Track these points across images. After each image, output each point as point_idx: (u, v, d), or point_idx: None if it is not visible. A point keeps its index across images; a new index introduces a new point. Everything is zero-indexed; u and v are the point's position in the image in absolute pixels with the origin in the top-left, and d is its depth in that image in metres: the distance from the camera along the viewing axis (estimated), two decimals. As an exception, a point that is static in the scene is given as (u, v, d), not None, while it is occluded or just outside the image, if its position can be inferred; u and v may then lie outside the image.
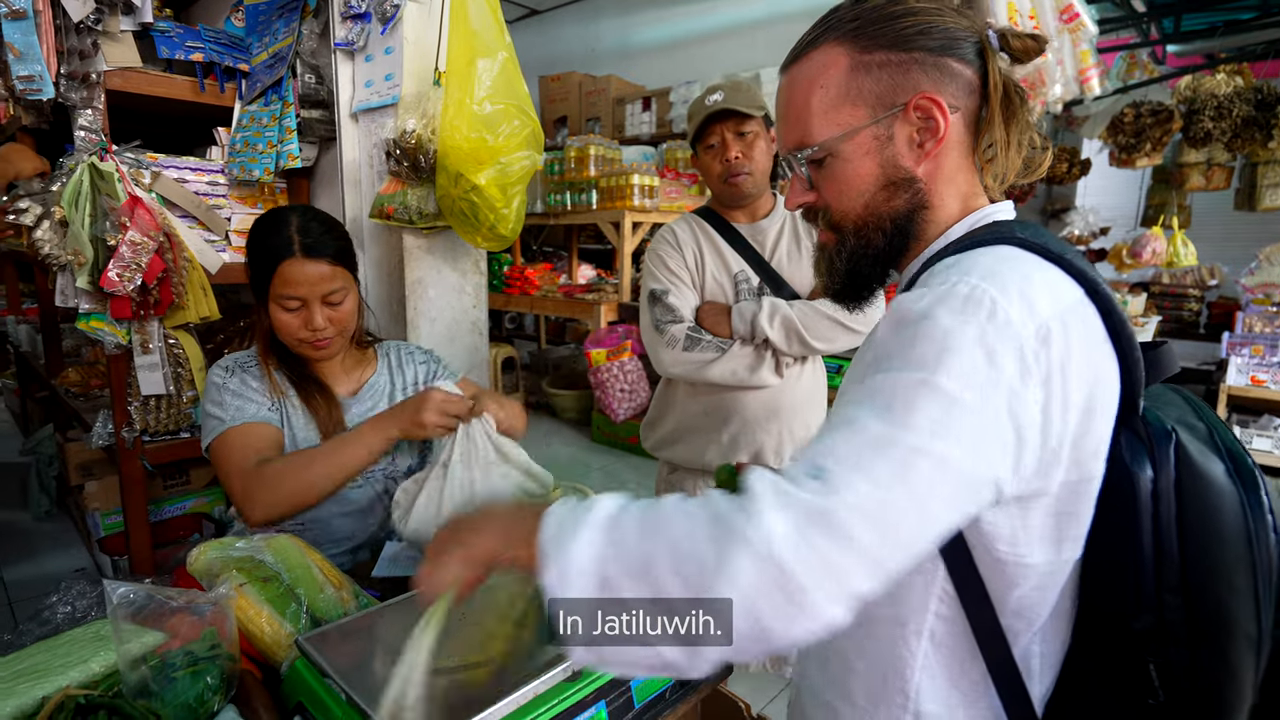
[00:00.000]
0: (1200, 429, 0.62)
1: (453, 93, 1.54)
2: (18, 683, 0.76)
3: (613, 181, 4.04)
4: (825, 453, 0.53)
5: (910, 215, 0.69)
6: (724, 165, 1.49)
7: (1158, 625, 0.58)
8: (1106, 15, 3.80)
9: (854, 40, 0.67)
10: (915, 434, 0.52)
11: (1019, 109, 0.68)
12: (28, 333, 3.20)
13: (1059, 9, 2.49)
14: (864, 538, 0.49)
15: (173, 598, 0.82)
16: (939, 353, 0.54)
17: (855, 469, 0.51)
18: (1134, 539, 0.58)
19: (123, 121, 1.83)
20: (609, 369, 3.69)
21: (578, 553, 0.53)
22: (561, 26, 6.94)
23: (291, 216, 1.21)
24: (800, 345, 1.46)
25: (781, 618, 0.48)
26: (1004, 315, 0.55)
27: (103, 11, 1.61)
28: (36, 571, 2.58)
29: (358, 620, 0.84)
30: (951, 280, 0.58)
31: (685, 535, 0.51)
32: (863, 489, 0.50)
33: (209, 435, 1.19)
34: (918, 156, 0.68)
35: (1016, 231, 0.64)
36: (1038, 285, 0.58)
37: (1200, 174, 4.69)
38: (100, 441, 1.89)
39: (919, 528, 0.51)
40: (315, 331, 1.20)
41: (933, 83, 0.66)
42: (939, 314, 0.56)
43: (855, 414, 0.55)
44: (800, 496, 0.50)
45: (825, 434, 0.56)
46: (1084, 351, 0.58)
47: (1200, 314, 5.02)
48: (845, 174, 0.69)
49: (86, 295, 1.68)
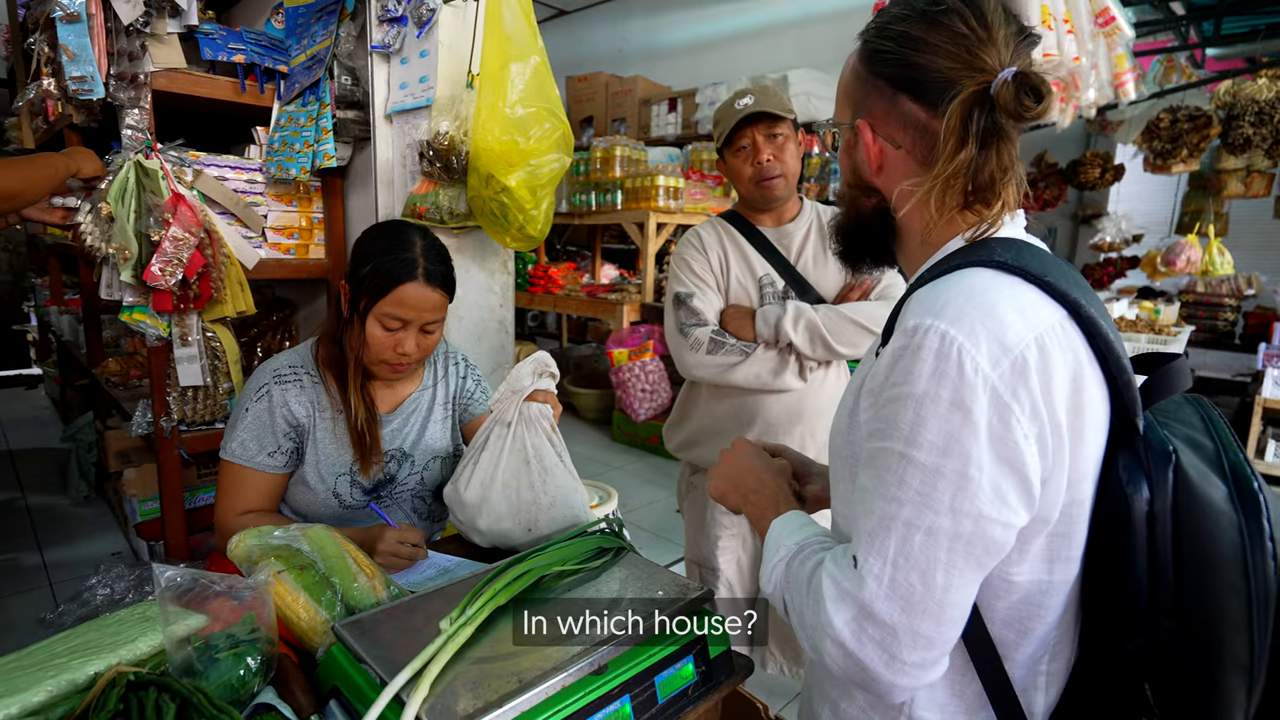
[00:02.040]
0: (1207, 448, 0.62)
1: (486, 95, 1.57)
2: (72, 658, 0.79)
3: (638, 182, 4.06)
4: (858, 538, 0.62)
5: (881, 218, 0.74)
6: (755, 168, 1.49)
7: (1151, 647, 0.59)
8: (1143, 18, 3.72)
9: (863, 46, 0.73)
10: (906, 508, 0.58)
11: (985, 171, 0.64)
12: (70, 323, 3.30)
13: (1094, 12, 2.45)
14: (893, 618, 0.58)
15: (215, 582, 0.86)
16: (914, 424, 0.58)
17: (872, 551, 0.60)
18: (1129, 561, 0.59)
19: (166, 120, 1.89)
20: (630, 369, 3.71)
21: (772, 570, 0.72)
22: (589, 27, 6.98)
23: (415, 238, 1.21)
24: (824, 349, 1.46)
25: (867, 685, 0.61)
26: (972, 365, 0.56)
27: (151, 15, 1.67)
28: (75, 554, 2.67)
29: (393, 609, 0.87)
30: (925, 323, 0.59)
31: (802, 605, 0.66)
32: (877, 569, 0.59)
33: (223, 442, 1.24)
34: (871, 170, 0.73)
35: (997, 253, 0.63)
36: (1008, 314, 0.58)
37: (1239, 181, 4.58)
38: (140, 430, 1.96)
39: (934, 594, 0.58)
40: (403, 356, 1.21)
41: (881, 113, 0.70)
42: (916, 376, 0.59)
43: (866, 486, 0.62)
44: (847, 590, 0.60)
45: (857, 510, 0.63)
46: (1066, 374, 0.59)
47: (1236, 324, 4.90)
48: (841, 157, 0.78)
49: (130, 289, 1.74)
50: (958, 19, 0.64)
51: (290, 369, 1.26)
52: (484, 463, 1.17)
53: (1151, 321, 3.94)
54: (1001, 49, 0.64)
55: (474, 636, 0.79)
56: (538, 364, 1.19)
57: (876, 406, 0.63)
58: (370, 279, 1.17)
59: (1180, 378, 0.65)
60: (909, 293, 0.68)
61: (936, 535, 0.57)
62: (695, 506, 1.70)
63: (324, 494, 1.26)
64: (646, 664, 0.81)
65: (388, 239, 1.20)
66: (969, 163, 0.63)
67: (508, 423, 1.17)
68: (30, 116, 2.90)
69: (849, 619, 0.59)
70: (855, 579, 0.60)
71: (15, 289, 5.66)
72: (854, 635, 0.59)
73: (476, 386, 1.45)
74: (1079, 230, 6.17)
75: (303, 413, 1.24)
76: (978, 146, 0.63)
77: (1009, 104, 0.60)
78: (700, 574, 1.69)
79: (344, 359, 1.23)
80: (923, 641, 0.58)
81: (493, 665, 0.75)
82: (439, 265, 1.21)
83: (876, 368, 0.64)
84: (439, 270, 1.21)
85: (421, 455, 1.35)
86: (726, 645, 0.91)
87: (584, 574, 0.95)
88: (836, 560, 0.63)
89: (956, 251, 0.67)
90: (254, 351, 2.33)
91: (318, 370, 1.27)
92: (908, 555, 0.58)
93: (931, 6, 0.66)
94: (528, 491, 1.15)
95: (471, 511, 1.18)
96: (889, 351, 0.62)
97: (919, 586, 0.57)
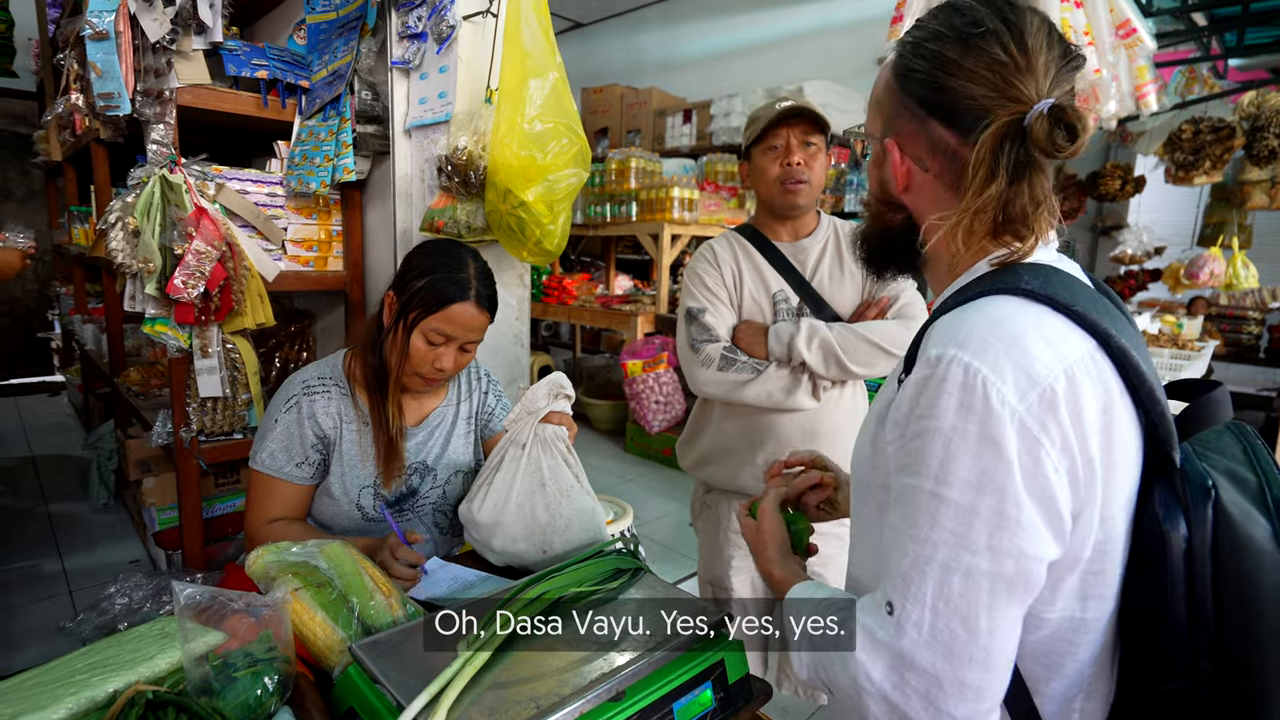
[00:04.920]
0: (1251, 483, 0.59)
1: (504, 111, 1.58)
2: (91, 675, 0.80)
3: (653, 194, 4.07)
4: (890, 582, 0.59)
5: (906, 233, 0.73)
6: (784, 169, 1.46)
7: (1191, 691, 0.57)
8: (1165, 29, 3.68)
9: (897, 61, 0.71)
10: (942, 549, 0.56)
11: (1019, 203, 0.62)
12: (93, 332, 3.35)
13: (1115, 24, 2.43)
14: (936, 666, 0.55)
15: (233, 599, 0.86)
16: (944, 460, 0.56)
17: (908, 596, 0.57)
18: (1166, 601, 0.57)
19: (190, 133, 1.92)
20: (644, 380, 3.70)
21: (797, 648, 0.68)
22: (605, 39, 7.03)
23: (469, 259, 1.25)
24: (838, 369, 1.44)
25: None
26: (998, 398, 0.54)
27: (177, 32, 1.70)
28: (94, 561, 2.70)
29: (410, 629, 0.87)
30: (949, 353, 0.57)
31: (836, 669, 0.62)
32: (915, 615, 0.56)
33: (252, 452, 1.26)
34: (897, 187, 0.71)
35: (1024, 280, 0.61)
36: (1034, 345, 0.56)
37: (1264, 192, 4.50)
38: (160, 440, 1.98)
39: (979, 639, 0.55)
40: (439, 371, 1.24)
41: (910, 132, 0.68)
42: (941, 410, 0.57)
43: (896, 525, 0.60)
44: (882, 639, 0.58)
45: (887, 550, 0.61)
46: (1097, 406, 0.57)
47: (1260, 337, 4.82)
48: (869, 167, 0.77)
49: (153, 300, 1.76)
50: (996, 44, 0.61)
51: (319, 380, 1.28)
52: (498, 484, 1.17)
53: (1174, 336, 3.87)
54: (1040, 77, 0.61)
55: (490, 660, 0.78)
56: (553, 385, 1.19)
57: (903, 439, 0.61)
58: (424, 293, 1.20)
59: (1221, 408, 0.63)
60: (933, 318, 0.66)
61: (976, 576, 0.55)
62: (709, 525, 1.69)
63: (347, 505, 1.28)
64: (665, 690, 0.80)
65: (444, 256, 1.24)
66: (999, 196, 0.61)
67: (522, 444, 1.17)
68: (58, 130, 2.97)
69: (886, 669, 0.57)
70: (892, 626, 0.57)
71: (41, 297, 5.76)
72: (895, 687, 0.56)
73: (498, 403, 1.46)
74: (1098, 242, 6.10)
75: (329, 424, 1.26)
76: (1008, 180, 0.60)
77: (1041, 140, 0.58)
78: (713, 593, 1.67)
79: (383, 368, 1.26)
80: (971, 693, 0.55)
81: (509, 690, 0.74)
82: (487, 289, 1.26)
83: (900, 397, 0.62)
84: (487, 294, 1.25)
85: (444, 470, 1.36)
86: (745, 670, 0.90)
87: (601, 595, 0.94)
88: (867, 609, 0.61)
89: (982, 277, 0.65)
90: (272, 362, 2.36)
91: (347, 382, 1.29)
92: (947, 599, 0.55)
93: (970, 28, 0.62)
94: (543, 514, 1.15)
95: (485, 532, 1.18)
96: (912, 381, 0.60)
97: (961, 632, 0.55)
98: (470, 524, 1.20)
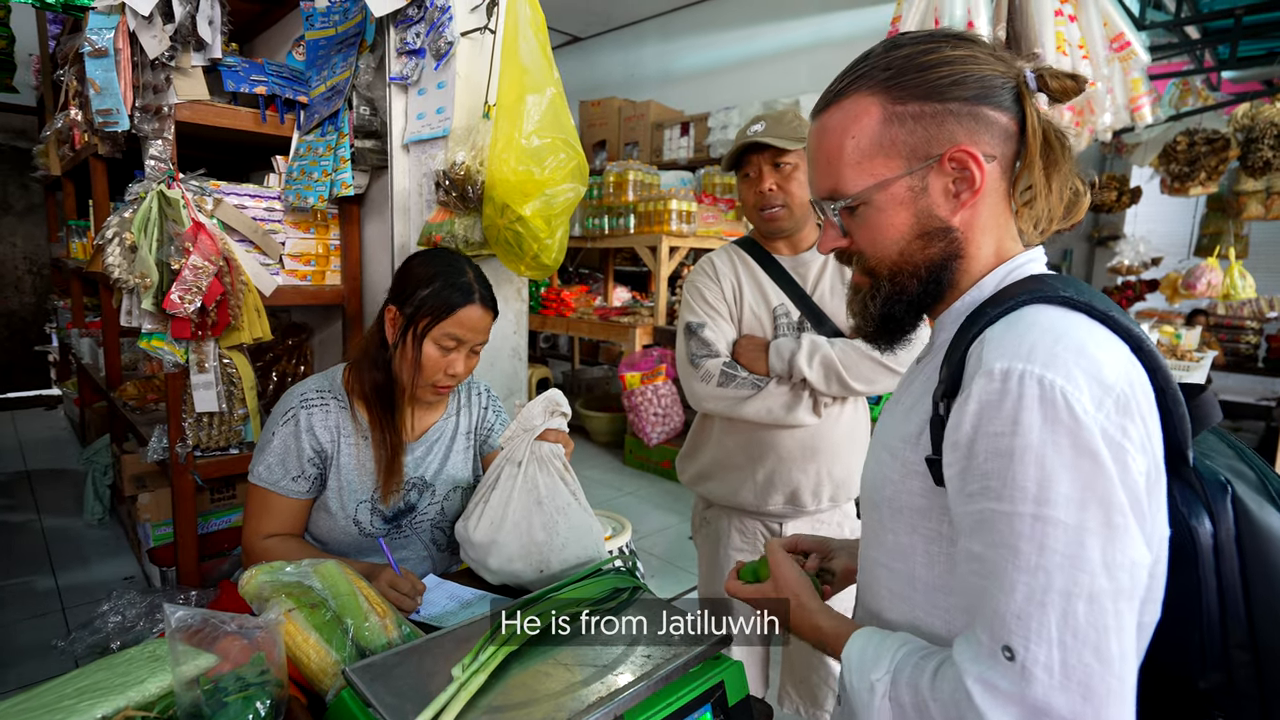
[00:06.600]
0: (1250, 477, 0.61)
1: (502, 126, 1.58)
2: (80, 700, 0.78)
3: (651, 206, 4.08)
4: (999, 622, 0.54)
5: (945, 263, 0.69)
6: (758, 196, 1.47)
7: (1227, 684, 0.57)
8: (1159, 42, 3.71)
9: (886, 91, 0.67)
10: (1057, 576, 0.52)
11: (1060, 154, 0.67)
12: (90, 345, 3.34)
13: (1109, 37, 2.45)
14: (1075, 709, 0.50)
15: (225, 621, 0.85)
16: (1041, 480, 0.53)
17: (1030, 636, 0.52)
18: (1199, 595, 0.57)
19: (189, 148, 1.93)
20: (643, 392, 3.69)
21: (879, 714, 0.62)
22: (603, 52, 7.08)
23: (465, 265, 1.28)
24: (840, 386, 1.43)
25: None
26: (1081, 408, 0.53)
27: (176, 48, 1.71)
28: (88, 577, 2.67)
29: (404, 651, 0.85)
30: (1017, 367, 0.55)
31: None
32: (1044, 657, 0.51)
33: (251, 465, 1.26)
34: (953, 207, 0.67)
35: (1060, 289, 0.61)
36: (1098, 354, 0.56)
37: (1259, 202, 4.53)
38: (156, 455, 1.96)
39: (1114, 668, 0.51)
40: (452, 377, 1.25)
41: (968, 133, 0.65)
42: (1025, 426, 0.54)
43: (984, 556, 0.56)
44: (1008, 690, 0.52)
45: (971, 584, 0.57)
46: (1149, 408, 0.57)
47: (1259, 347, 4.83)
48: (879, 222, 0.68)
49: (149, 316, 1.75)
50: (967, 38, 0.69)
51: (317, 393, 1.28)
52: (494, 502, 1.16)
53: (1173, 346, 3.88)
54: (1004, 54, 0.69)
55: (486, 683, 0.77)
56: (549, 403, 1.18)
57: (969, 460, 0.57)
58: (431, 301, 1.22)
59: (1212, 410, 0.64)
60: (970, 329, 0.64)
61: (1100, 599, 0.51)
62: (708, 542, 1.67)
63: (344, 521, 1.26)
64: (664, 713, 0.79)
65: (444, 265, 1.26)
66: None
67: (519, 462, 1.16)
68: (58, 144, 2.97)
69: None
70: (1016, 675, 0.52)
71: (38, 310, 5.76)
72: None
73: (497, 418, 1.46)
74: (1095, 252, 6.11)
75: (327, 437, 1.25)
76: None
77: (1053, 88, 0.67)
78: (713, 609, 1.65)
79: (391, 382, 1.26)
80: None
81: (505, 715, 0.73)
82: (488, 290, 1.29)
83: (959, 416, 0.59)
84: (488, 295, 1.28)
85: (443, 485, 1.35)
86: (745, 692, 0.88)
87: (599, 615, 0.93)
88: (974, 658, 0.55)
89: (1014, 285, 0.66)
90: (269, 376, 2.35)
91: (346, 396, 1.29)
92: (1075, 631, 0.51)
93: (945, 34, 0.68)
94: (540, 533, 1.14)
95: (481, 551, 1.16)
96: (977, 398, 0.57)
97: (1095, 665, 0.50)
98: (466, 543, 1.19)
